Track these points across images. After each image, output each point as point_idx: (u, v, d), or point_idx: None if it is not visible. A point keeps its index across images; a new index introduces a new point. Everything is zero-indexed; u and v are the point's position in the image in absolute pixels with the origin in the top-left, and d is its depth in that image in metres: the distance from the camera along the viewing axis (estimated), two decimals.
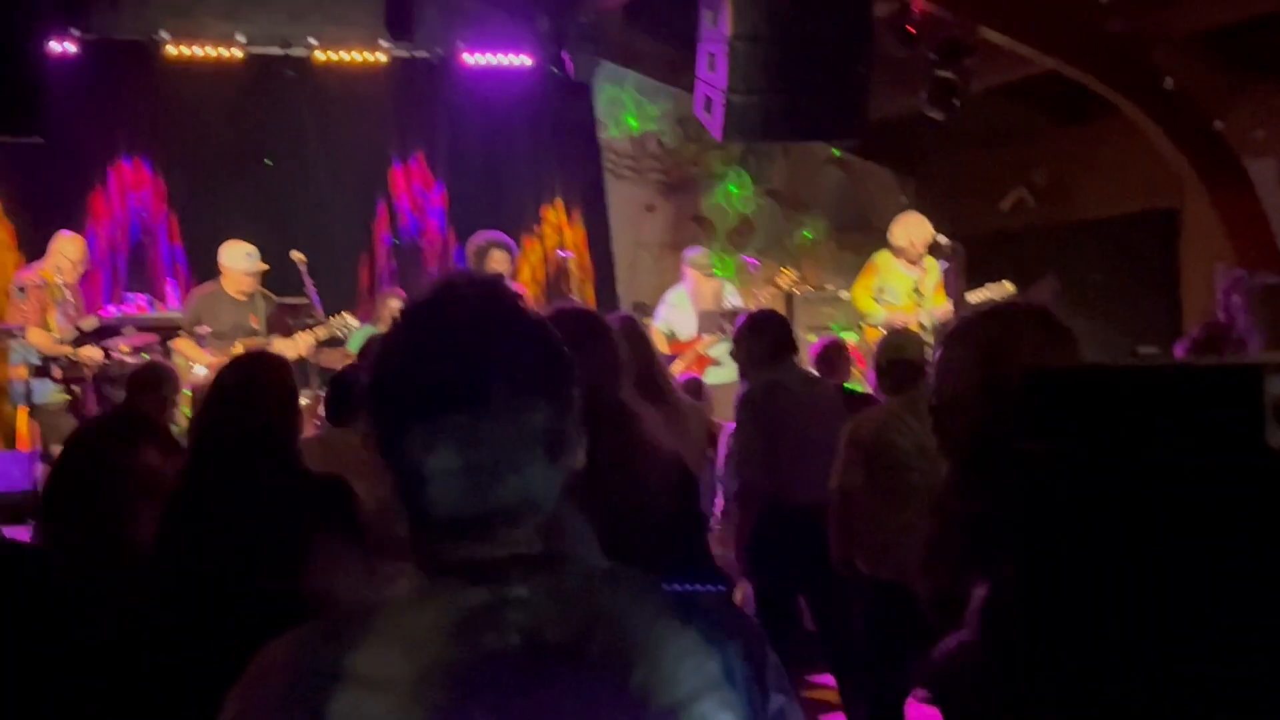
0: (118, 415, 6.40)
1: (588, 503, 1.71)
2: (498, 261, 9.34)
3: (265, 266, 9.58)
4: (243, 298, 9.58)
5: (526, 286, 11.43)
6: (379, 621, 1.45)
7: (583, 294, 12.02)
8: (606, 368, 3.38)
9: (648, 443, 3.33)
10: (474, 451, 1.47)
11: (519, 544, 1.50)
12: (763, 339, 6.11)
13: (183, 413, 8.92)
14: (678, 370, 9.57)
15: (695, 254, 10.62)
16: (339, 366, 8.18)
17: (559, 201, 12.69)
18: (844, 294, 10.68)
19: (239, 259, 9.61)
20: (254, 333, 9.70)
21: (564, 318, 3.22)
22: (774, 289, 10.86)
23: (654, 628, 1.50)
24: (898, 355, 5.67)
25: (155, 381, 6.44)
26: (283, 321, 10.06)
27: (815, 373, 7.18)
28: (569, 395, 1.52)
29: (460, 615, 1.44)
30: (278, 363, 4.02)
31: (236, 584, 3.51)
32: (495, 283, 1.58)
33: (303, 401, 8.06)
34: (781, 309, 10.40)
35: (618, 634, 1.48)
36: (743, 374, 6.13)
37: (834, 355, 7.71)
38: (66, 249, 9.92)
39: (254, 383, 3.80)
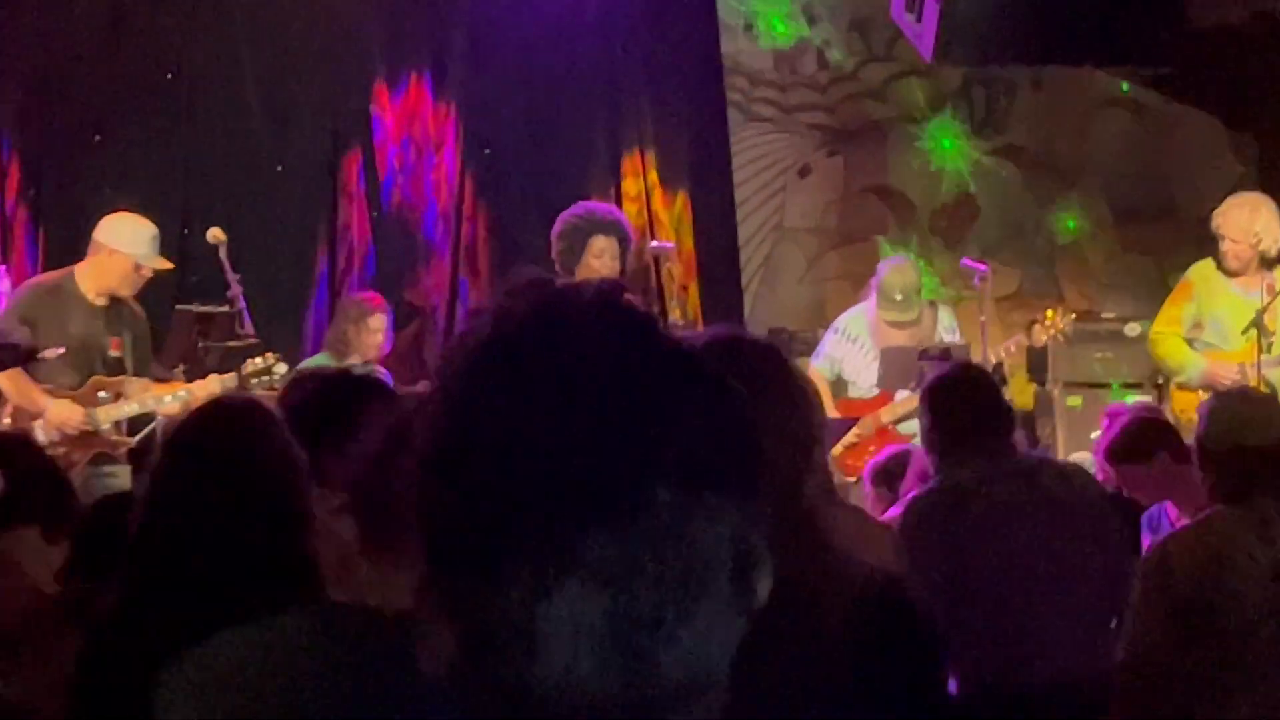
0: None
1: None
2: (601, 254, 8.26)
3: (168, 265, 8.06)
4: (102, 301, 7.88)
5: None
6: None
7: (685, 309, 9.99)
8: (798, 444, 2.79)
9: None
10: (623, 596, 1.13)
11: None
12: (953, 413, 5.18)
13: None
14: (851, 449, 8.53)
15: (896, 265, 9.09)
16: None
17: (649, 155, 10.39)
18: (1133, 327, 9.47)
19: (136, 242, 7.89)
20: (116, 362, 8.18)
21: (725, 356, 2.60)
22: (1028, 336, 9.03)
23: None
24: (1242, 439, 4.69)
25: None
26: (189, 342, 8.59)
27: (1065, 464, 6.53)
28: (756, 490, 1.20)
29: None
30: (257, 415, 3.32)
31: None
32: (623, 303, 1.21)
33: None
34: (1021, 355, 9.41)
35: None
36: (932, 470, 5.36)
37: (1148, 439, 6.15)
38: None
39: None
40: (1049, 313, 9.00)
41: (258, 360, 8.02)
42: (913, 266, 9.29)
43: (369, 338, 8.16)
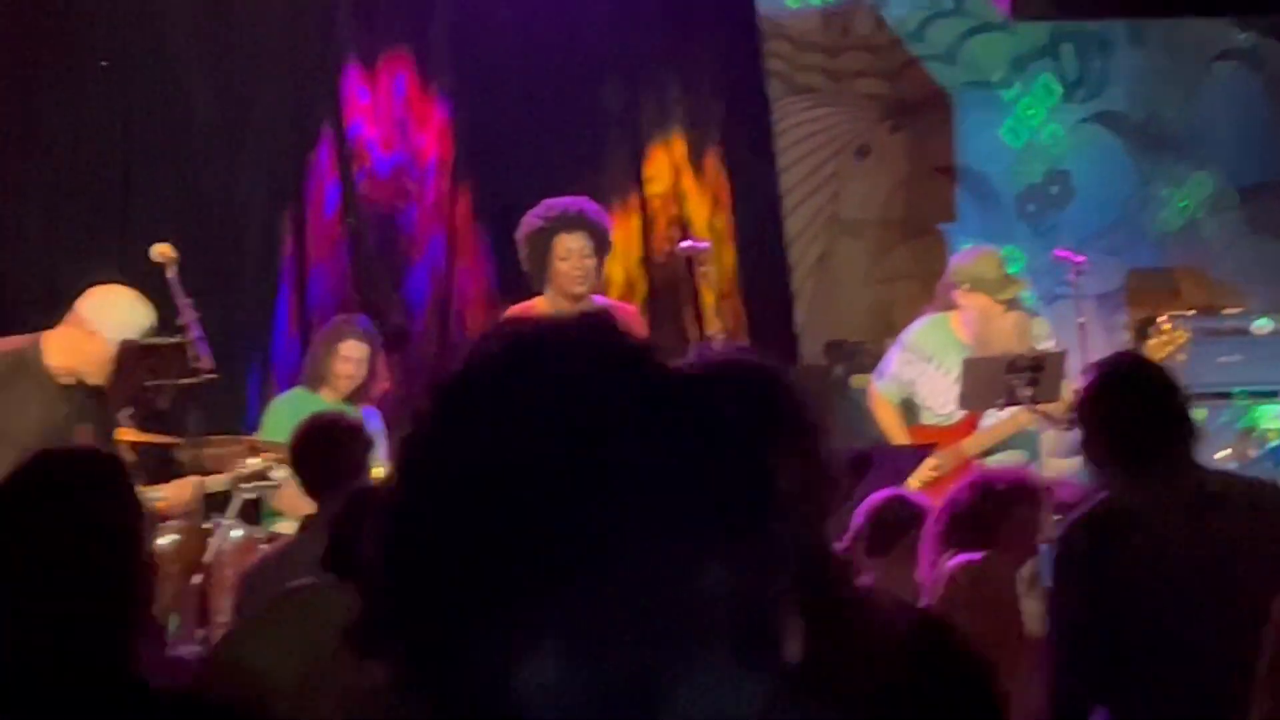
0: None
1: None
2: (568, 255, 7.68)
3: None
4: (69, 380, 7.28)
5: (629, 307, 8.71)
6: None
7: (726, 320, 9.15)
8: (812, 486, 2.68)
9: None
10: (606, 659, 1.12)
11: None
12: (1123, 419, 4.85)
13: None
14: (930, 486, 7.35)
15: (977, 257, 8.24)
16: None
17: (676, 140, 9.59)
18: (1263, 324, 9.25)
19: (124, 321, 7.27)
20: None
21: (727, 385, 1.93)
22: (1140, 346, 8.27)
23: None
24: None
25: None
26: (135, 380, 7.73)
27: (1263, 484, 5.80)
28: (767, 536, 1.18)
29: None
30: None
31: None
32: (609, 334, 1.24)
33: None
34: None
35: None
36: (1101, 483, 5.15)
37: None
38: None
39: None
40: (1165, 325, 8.13)
41: (255, 460, 7.28)
42: (992, 249, 8.51)
43: (340, 367, 7.59)
